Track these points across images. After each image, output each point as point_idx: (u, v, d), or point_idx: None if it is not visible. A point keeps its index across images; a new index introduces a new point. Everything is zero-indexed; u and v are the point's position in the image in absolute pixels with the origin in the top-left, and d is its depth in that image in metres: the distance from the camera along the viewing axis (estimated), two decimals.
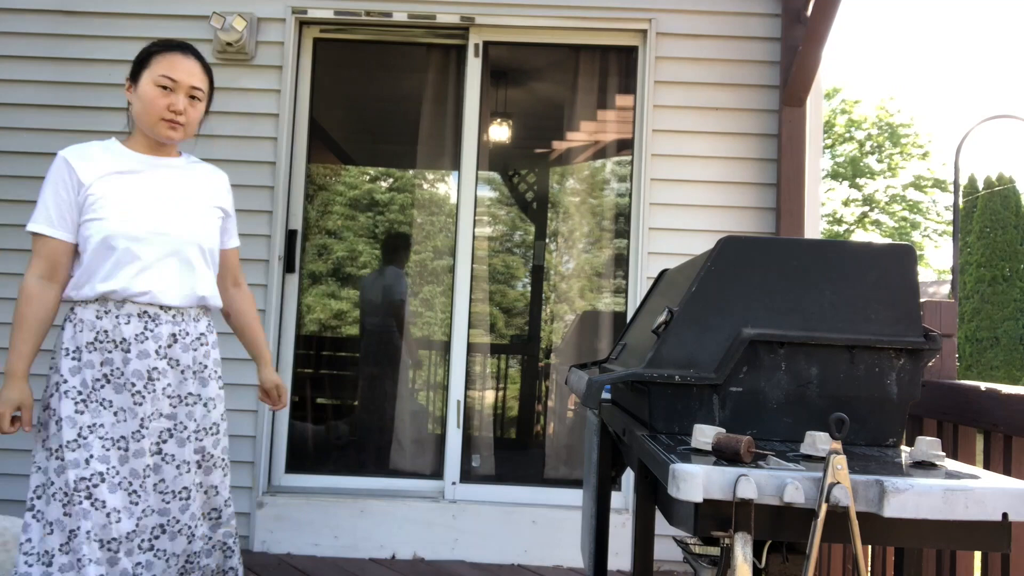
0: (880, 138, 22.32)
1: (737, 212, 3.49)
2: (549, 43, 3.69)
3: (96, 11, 3.56)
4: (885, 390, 1.30)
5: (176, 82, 1.97)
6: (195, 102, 2.02)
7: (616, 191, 3.79)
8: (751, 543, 1.00)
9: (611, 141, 3.78)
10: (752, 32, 3.54)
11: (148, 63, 2.00)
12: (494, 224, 3.82)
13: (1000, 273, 15.84)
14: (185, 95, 1.99)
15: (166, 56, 1.99)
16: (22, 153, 3.53)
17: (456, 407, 3.54)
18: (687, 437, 1.25)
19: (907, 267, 1.34)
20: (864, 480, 0.99)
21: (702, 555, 1.38)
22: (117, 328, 1.92)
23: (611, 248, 3.75)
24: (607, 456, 1.86)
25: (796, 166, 3.38)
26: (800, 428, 1.28)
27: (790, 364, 1.29)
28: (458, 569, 3.25)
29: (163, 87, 1.96)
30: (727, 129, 3.52)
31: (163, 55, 1.99)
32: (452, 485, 3.50)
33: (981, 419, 1.68)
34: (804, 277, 1.34)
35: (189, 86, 1.99)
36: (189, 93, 2.00)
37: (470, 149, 3.61)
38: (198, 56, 2.06)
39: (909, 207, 22.39)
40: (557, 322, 3.89)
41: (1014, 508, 0.98)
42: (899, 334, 1.30)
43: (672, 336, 1.31)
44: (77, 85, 3.53)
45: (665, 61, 3.53)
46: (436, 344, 3.94)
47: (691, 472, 0.99)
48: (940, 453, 1.15)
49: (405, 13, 3.51)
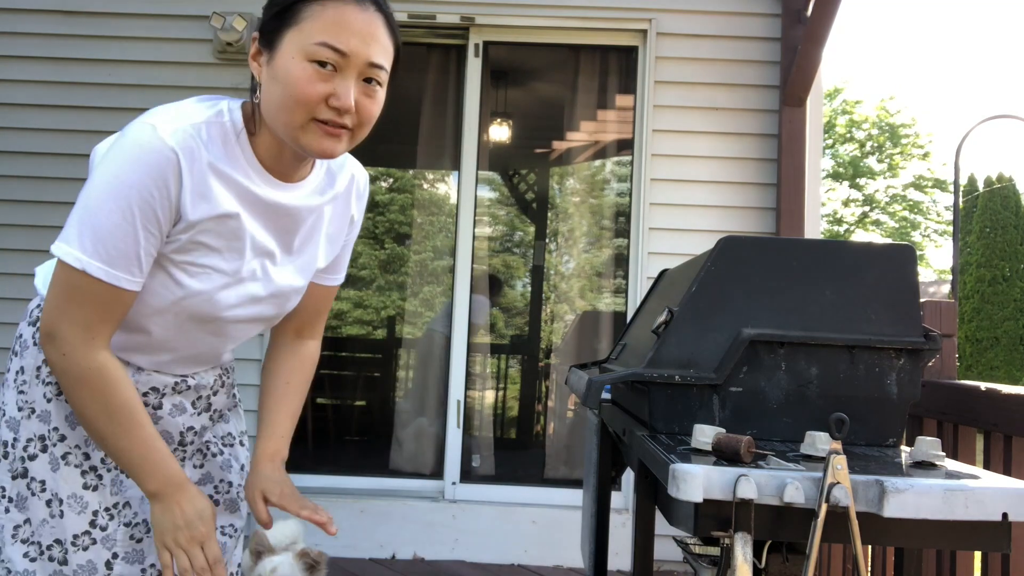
0: (880, 138, 22.31)
1: (737, 212, 3.49)
2: (549, 43, 3.69)
3: (96, 11, 3.56)
4: (885, 390, 1.30)
5: (346, 56, 1.08)
6: (374, 89, 1.13)
7: (616, 191, 3.79)
8: (751, 543, 1.00)
9: (611, 141, 3.78)
10: (752, 32, 3.54)
11: (297, 14, 1.09)
12: (494, 224, 3.82)
13: (1000, 273, 15.84)
14: (359, 77, 1.10)
15: (332, 4, 1.08)
16: (22, 153, 3.53)
17: (456, 407, 3.54)
18: (687, 437, 1.25)
19: (907, 267, 1.34)
20: (864, 480, 0.99)
21: (702, 555, 1.38)
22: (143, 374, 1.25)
23: (611, 248, 3.75)
24: (607, 456, 1.86)
25: (796, 166, 3.38)
26: (800, 428, 1.28)
27: (790, 364, 1.29)
28: (458, 569, 3.25)
29: (321, 63, 1.07)
30: (727, 129, 3.51)
31: (327, 1, 1.08)
32: (452, 485, 3.50)
33: (981, 419, 1.68)
34: (804, 277, 1.34)
35: (366, 62, 1.10)
36: (366, 74, 1.11)
37: (470, 149, 3.61)
38: (380, 5, 1.13)
39: (909, 207, 22.38)
40: (557, 322, 3.89)
41: (1014, 508, 0.98)
42: (899, 334, 1.30)
43: (672, 336, 1.31)
44: (77, 85, 3.53)
45: (665, 61, 3.53)
46: (436, 344, 3.94)
47: (691, 472, 0.99)
48: (940, 453, 1.15)
49: (405, 13, 3.51)
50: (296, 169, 1.21)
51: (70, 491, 1.19)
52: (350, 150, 1.19)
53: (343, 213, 1.32)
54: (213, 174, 1.12)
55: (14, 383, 1.23)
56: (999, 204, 16.19)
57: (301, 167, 1.21)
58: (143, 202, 1.06)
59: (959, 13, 63.87)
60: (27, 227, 3.46)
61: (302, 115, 1.08)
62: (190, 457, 1.37)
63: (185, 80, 3.52)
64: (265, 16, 1.13)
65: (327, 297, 1.42)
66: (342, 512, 3.38)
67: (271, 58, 1.10)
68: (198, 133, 1.10)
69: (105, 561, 1.20)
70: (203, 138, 1.10)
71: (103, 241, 1.06)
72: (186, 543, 1.15)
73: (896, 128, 22.18)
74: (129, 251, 1.07)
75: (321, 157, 1.13)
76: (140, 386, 1.23)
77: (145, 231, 1.07)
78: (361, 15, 1.09)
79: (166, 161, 1.06)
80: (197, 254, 1.14)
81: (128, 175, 1.05)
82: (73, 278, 1.07)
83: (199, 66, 3.54)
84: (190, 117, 1.11)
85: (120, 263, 1.07)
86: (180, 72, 3.53)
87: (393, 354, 4.92)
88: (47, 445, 1.20)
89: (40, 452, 1.20)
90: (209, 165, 1.11)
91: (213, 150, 1.12)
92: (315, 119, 1.09)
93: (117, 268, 1.07)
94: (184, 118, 1.10)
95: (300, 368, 1.41)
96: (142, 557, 1.24)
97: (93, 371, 1.10)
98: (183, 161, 1.07)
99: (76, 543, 1.19)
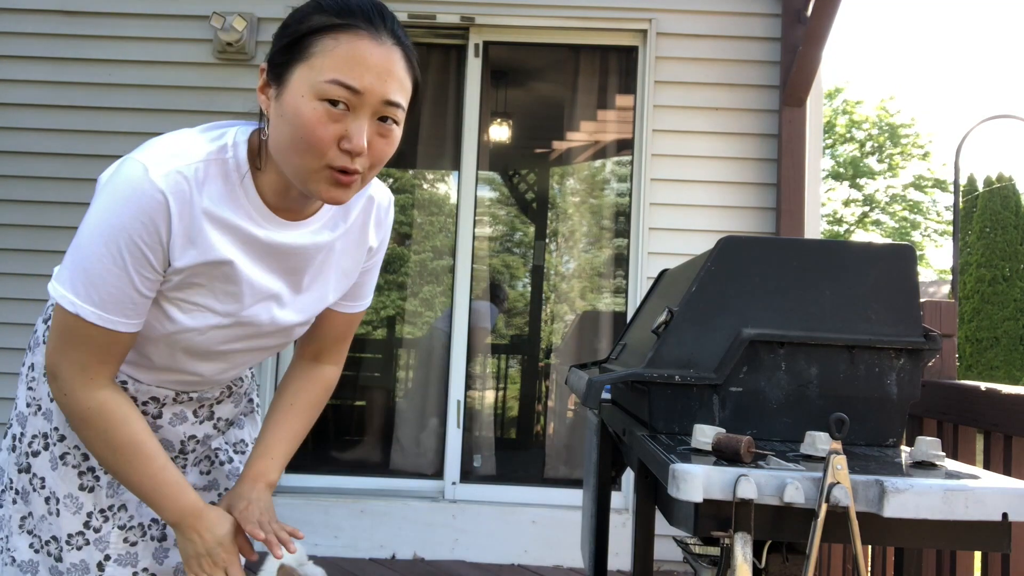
0: (881, 138, 22.32)
1: (737, 212, 3.49)
2: (549, 43, 3.69)
3: (96, 11, 3.56)
4: (885, 390, 1.30)
5: (360, 94, 1.00)
6: (389, 128, 1.06)
7: (616, 191, 3.79)
8: (751, 543, 1.00)
9: (611, 141, 3.78)
10: (752, 32, 3.54)
11: (307, 48, 1.01)
12: (494, 224, 3.82)
13: (1000, 273, 15.84)
14: (374, 116, 1.03)
15: (346, 37, 1.00)
16: (22, 153, 3.53)
17: (456, 407, 3.54)
18: (687, 437, 1.25)
19: (907, 267, 1.34)
20: (864, 480, 0.99)
21: (702, 555, 1.38)
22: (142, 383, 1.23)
23: (611, 248, 3.75)
24: (607, 456, 1.86)
25: (796, 166, 3.38)
26: (800, 428, 1.28)
27: (790, 364, 1.29)
28: (458, 569, 3.25)
29: (332, 101, 1.00)
30: (727, 129, 3.51)
31: (339, 34, 1.00)
32: (452, 485, 3.50)
33: (981, 419, 1.68)
34: (804, 277, 1.34)
35: (382, 100, 1.02)
36: (381, 113, 1.04)
37: (470, 149, 3.61)
38: (398, 37, 1.07)
39: (909, 207, 22.39)
40: (557, 322, 3.89)
41: (1014, 508, 0.98)
42: (899, 334, 1.30)
43: (672, 336, 1.31)
44: (77, 85, 3.53)
45: (665, 61, 3.53)
46: (437, 344, 3.94)
47: (691, 472, 0.99)
48: (940, 453, 1.15)
49: (405, 13, 3.51)
50: (305, 206, 1.14)
51: (66, 491, 1.20)
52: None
53: (359, 244, 1.24)
54: (207, 219, 1.06)
55: (25, 378, 1.25)
56: (999, 204, 16.19)
57: (310, 204, 1.14)
58: (132, 245, 1.02)
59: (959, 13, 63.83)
60: (27, 227, 3.46)
61: (314, 160, 1.01)
62: (195, 464, 1.35)
63: (185, 80, 3.52)
64: (274, 47, 1.05)
65: (350, 323, 1.34)
66: (342, 512, 3.38)
67: (279, 93, 1.02)
68: (195, 174, 1.04)
69: (97, 562, 1.21)
70: (199, 179, 1.05)
71: (95, 285, 1.03)
72: (209, 568, 1.17)
73: (896, 128, 22.19)
74: (123, 295, 1.05)
75: (329, 203, 1.07)
76: (140, 395, 1.23)
77: (138, 274, 1.04)
78: (377, 49, 1.01)
79: (155, 204, 1.01)
80: (191, 292, 1.11)
81: (117, 217, 1.01)
82: (68, 320, 1.06)
83: (199, 66, 3.54)
84: (188, 155, 1.05)
85: (113, 307, 1.05)
86: (180, 72, 3.53)
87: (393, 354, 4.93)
88: (48, 443, 1.21)
89: (42, 449, 1.21)
90: (203, 211, 1.05)
91: (211, 191, 1.06)
92: (326, 166, 1.02)
93: (111, 312, 1.05)
94: (181, 157, 1.04)
95: (308, 390, 1.34)
96: (135, 560, 1.24)
97: (93, 411, 1.10)
98: (173, 205, 1.02)
99: (70, 542, 1.19)
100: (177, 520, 1.15)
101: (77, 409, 1.10)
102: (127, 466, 1.12)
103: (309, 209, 1.15)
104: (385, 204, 1.27)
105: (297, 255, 1.16)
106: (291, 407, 1.33)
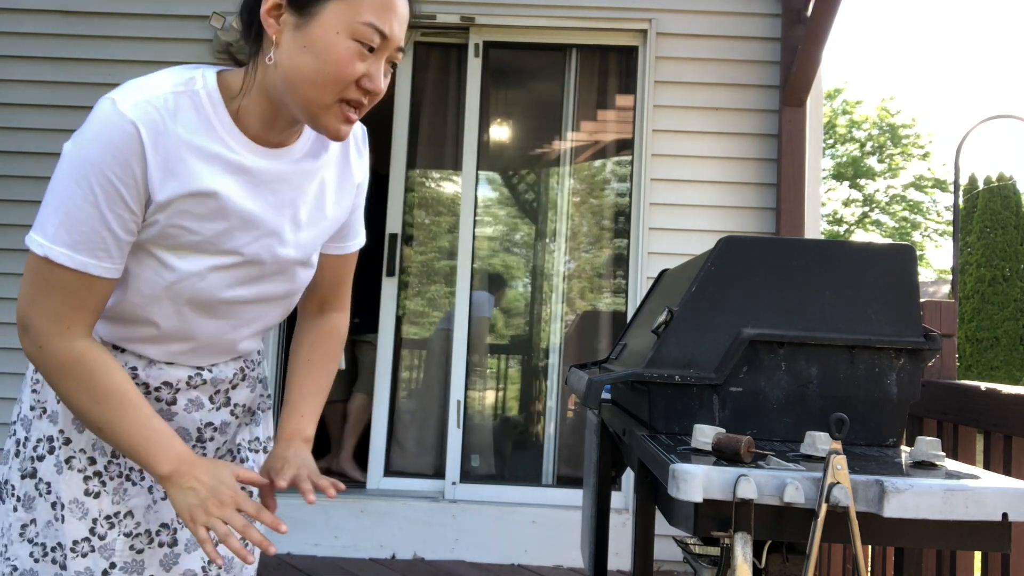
0: (881, 138, 22.33)
1: (737, 212, 3.49)
2: (549, 43, 3.69)
3: (96, 11, 3.56)
4: (885, 390, 1.30)
5: (387, 39, 1.05)
6: (389, 71, 1.11)
7: (616, 191, 3.78)
8: (751, 543, 1.00)
9: (611, 141, 3.78)
10: (752, 32, 3.54)
11: None
12: (494, 224, 3.82)
13: (1000, 273, 15.84)
14: (387, 63, 1.09)
15: None
16: (22, 153, 3.53)
17: (456, 407, 3.54)
18: (687, 437, 1.25)
19: (907, 267, 1.34)
20: (864, 480, 0.99)
21: (702, 555, 1.38)
22: (153, 367, 1.19)
23: (611, 248, 3.75)
24: (607, 456, 1.86)
25: (796, 166, 3.38)
26: (800, 428, 1.28)
27: (790, 364, 1.29)
28: (458, 569, 3.25)
29: (365, 44, 1.03)
30: (727, 129, 3.52)
31: None
32: (452, 485, 3.50)
33: (981, 419, 1.68)
34: (804, 277, 1.34)
35: (397, 47, 1.08)
36: (392, 59, 1.09)
37: (470, 149, 3.61)
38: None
39: (909, 207, 22.40)
40: (557, 322, 3.89)
41: (1014, 508, 0.98)
42: (899, 334, 1.30)
43: (672, 336, 1.31)
44: (77, 85, 3.54)
45: (665, 61, 3.53)
46: (436, 344, 3.94)
47: (691, 472, 0.99)
48: (940, 453, 1.15)
49: None
50: (286, 138, 1.13)
51: (71, 496, 1.15)
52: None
53: (345, 176, 1.23)
54: (185, 148, 1.03)
55: (30, 381, 1.21)
56: (999, 204, 16.20)
57: (290, 136, 1.13)
58: (105, 181, 0.99)
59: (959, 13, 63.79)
60: (27, 227, 3.46)
61: (332, 94, 1.03)
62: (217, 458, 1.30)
63: None
64: None
65: (345, 265, 1.33)
66: (342, 512, 3.38)
67: (304, 24, 1.02)
68: (164, 104, 1.02)
69: (103, 570, 1.16)
70: (170, 108, 1.03)
71: (65, 225, 1.00)
72: (217, 510, 1.05)
73: (896, 128, 22.20)
74: (94, 235, 1.01)
75: (331, 139, 1.08)
76: (152, 380, 1.18)
77: (112, 212, 1.01)
78: (403, 2, 1.07)
79: (126, 136, 0.99)
80: (182, 234, 1.07)
81: (87, 153, 0.99)
82: (39, 265, 1.03)
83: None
84: (155, 88, 1.03)
85: (84, 247, 1.01)
86: None
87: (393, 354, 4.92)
88: (54, 447, 1.16)
89: (48, 453, 1.17)
90: (180, 140, 1.03)
91: (184, 120, 1.04)
92: (343, 100, 1.04)
93: (82, 253, 1.01)
94: (148, 89, 1.03)
95: (322, 342, 1.33)
96: (141, 568, 1.20)
97: (72, 360, 1.05)
98: (145, 136, 1.00)
99: (75, 549, 1.15)
100: (172, 469, 1.07)
101: (55, 361, 1.05)
102: (113, 416, 1.06)
103: (288, 140, 1.14)
104: (360, 133, 1.27)
105: (285, 184, 1.14)
106: (309, 363, 1.31)
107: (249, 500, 1.07)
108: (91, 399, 1.06)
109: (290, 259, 1.18)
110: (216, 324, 1.18)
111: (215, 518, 1.05)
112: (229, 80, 1.10)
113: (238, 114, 1.09)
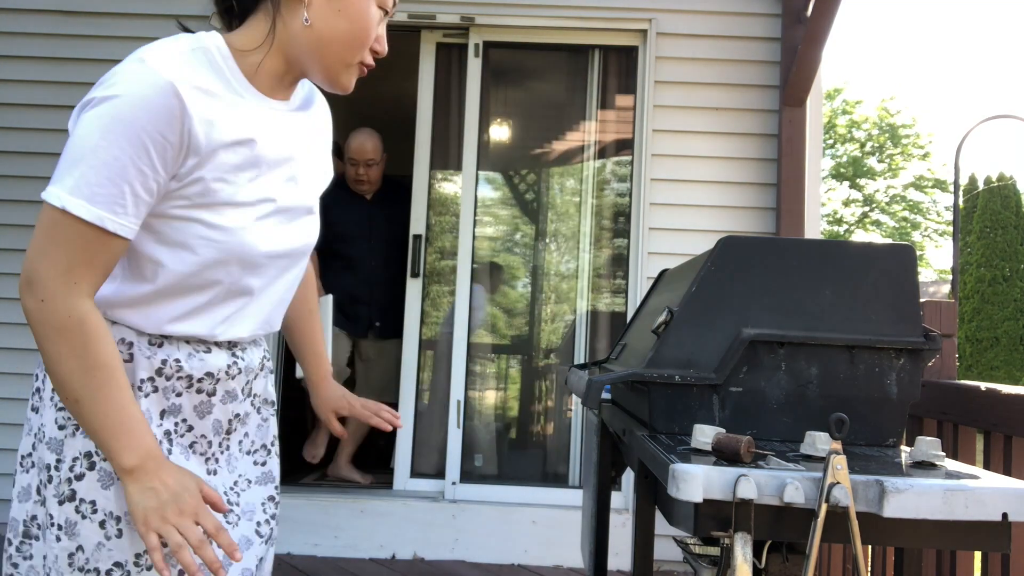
0: (881, 138, 22.33)
1: (737, 212, 3.49)
2: (549, 43, 3.69)
3: (96, 11, 3.56)
4: (885, 390, 1.30)
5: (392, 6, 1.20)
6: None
7: (616, 191, 3.78)
8: (751, 543, 1.00)
9: (611, 141, 3.78)
10: (752, 32, 3.54)
11: None
12: (494, 224, 3.82)
13: (1000, 273, 15.85)
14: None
15: None
16: (22, 153, 3.53)
17: (456, 407, 3.54)
18: (687, 437, 1.25)
19: (907, 267, 1.34)
20: (864, 480, 0.99)
21: (702, 555, 1.38)
22: (195, 358, 1.16)
23: (611, 248, 3.75)
24: (607, 456, 1.86)
25: (796, 166, 3.38)
26: (800, 428, 1.28)
27: (790, 364, 1.29)
28: (458, 569, 3.25)
29: (383, 9, 1.17)
30: (727, 129, 3.52)
31: None
32: (452, 485, 3.50)
33: (981, 419, 1.68)
34: (804, 277, 1.34)
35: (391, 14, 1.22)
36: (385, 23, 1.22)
37: (470, 149, 3.61)
38: None
39: (909, 207, 22.41)
40: (557, 322, 3.89)
41: (1014, 508, 0.98)
42: (899, 334, 1.30)
43: (672, 336, 1.31)
44: (77, 85, 3.53)
45: (665, 61, 3.53)
46: (436, 344, 3.94)
47: (691, 472, 0.99)
48: (940, 453, 1.15)
49: (405, 13, 3.51)
50: (288, 91, 1.21)
51: (126, 507, 1.06)
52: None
53: (327, 125, 1.33)
54: (216, 101, 1.07)
55: (51, 400, 1.12)
56: (999, 204, 16.20)
57: (291, 90, 1.22)
58: (135, 137, 0.99)
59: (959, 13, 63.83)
60: (27, 227, 3.46)
61: (355, 56, 1.14)
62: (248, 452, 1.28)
63: None
64: None
65: None
66: (342, 512, 3.38)
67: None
68: (192, 59, 1.06)
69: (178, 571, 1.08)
70: (196, 64, 1.07)
71: (86, 177, 0.99)
72: (175, 517, 1.00)
73: (896, 128, 22.20)
74: (115, 188, 1.00)
75: (341, 92, 1.18)
76: (195, 372, 1.16)
77: (135, 167, 1.00)
78: None
79: (163, 94, 1.00)
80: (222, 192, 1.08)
81: (118, 111, 0.99)
82: (55, 217, 1.00)
83: None
84: (177, 47, 1.07)
85: (102, 201, 0.99)
86: None
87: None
88: (95, 462, 1.08)
89: (87, 470, 1.08)
90: (209, 92, 1.06)
91: (208, 76, 1.08)
92: (361, 61, 1.16)
93: (99, 206, 0.99)
94: (172, 48, 1.06)
95: (309, 286, 1.46)
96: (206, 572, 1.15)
97: (74, 320, 1.00)
98: (184, 92, 1.02)
99: (139, 562, 1.07)
100: (138, 463, 1.02)
101: (55, 318, 1.00)
102: (97, 391, 1.01)
103: (287, 96, 1.22)
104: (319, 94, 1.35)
105: (291, 133, 1.20)
106: (311, 314, 1.47)
107: (211, 516, 1.03)
108: (80, 367, 1.01)
109: (305, 205, 1.23)
110: (257, 280, 1.18)
111: (171, 526, 1.00)
112: (231, 40, 1.15)
113: (252, 71, 1.14)
